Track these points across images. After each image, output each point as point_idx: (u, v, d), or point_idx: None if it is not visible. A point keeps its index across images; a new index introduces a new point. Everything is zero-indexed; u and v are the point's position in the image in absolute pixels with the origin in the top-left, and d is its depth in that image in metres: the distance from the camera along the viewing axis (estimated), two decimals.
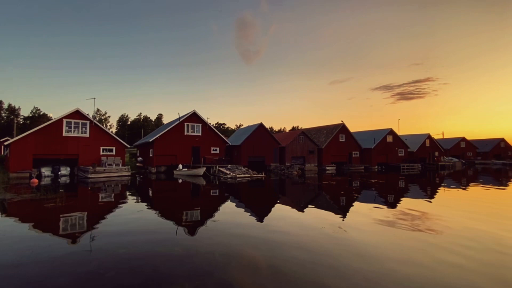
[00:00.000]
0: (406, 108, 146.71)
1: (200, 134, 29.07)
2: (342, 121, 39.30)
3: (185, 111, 30.80)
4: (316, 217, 9.10)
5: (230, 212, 9.85)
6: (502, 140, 63.67)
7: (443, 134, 64.50)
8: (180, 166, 25.07)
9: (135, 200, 12.03)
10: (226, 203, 11.80)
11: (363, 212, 9.83)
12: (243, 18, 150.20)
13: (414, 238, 6.54)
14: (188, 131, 28.45)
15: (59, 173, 23.60)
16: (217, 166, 24.96)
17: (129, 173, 23.63)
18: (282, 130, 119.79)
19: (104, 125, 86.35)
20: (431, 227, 7.62)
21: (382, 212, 9.78)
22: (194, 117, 28.94)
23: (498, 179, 24.24)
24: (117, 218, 8.56)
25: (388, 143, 41.95)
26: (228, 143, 31.34)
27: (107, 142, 25.35)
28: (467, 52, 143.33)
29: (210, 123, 30.15)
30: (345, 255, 5.44)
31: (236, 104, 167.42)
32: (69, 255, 5.30)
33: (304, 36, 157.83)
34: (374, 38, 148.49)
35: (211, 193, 14.98)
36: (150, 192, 15.26)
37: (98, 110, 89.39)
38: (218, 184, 18.65)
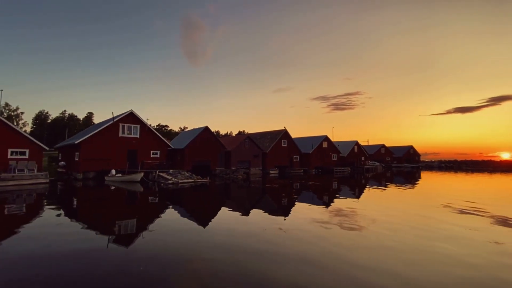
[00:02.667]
0: (339, 117, 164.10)
1: (138, 136, 26.73)
2: (284, 127, 41.48)
3: (122, 111, 27.99)
4: (259, 219, 9.27)
5: (170, 220, 9.26)
6: (412, 147, 76.61)
7: (368, 141, 73.79)
8: (113, 172, 22.52)
9: (54, 212, 10.28)
10: (167, 210, 11.08)
11: (302, 212, 10.47)
12: (189, 18, 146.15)
13: (342, 234, 7.24)
14: (123, 133, 25.86)
15: None
16: (157, 171, 23.32)
17: (47, 180, 20.15)
18: (228, 134, 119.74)
19: (15, 123, 71.94)
20: (358, 223, 8.57)
21: (318, 211, 10.58)
22: (131, 117, 26.49)
23: (407, 179, 28.97)
24: (28, 234, 7.13)
25: (323, 149, 45.93)
26: (170, 147, 29.64)
27: (17, 143, 21.16)
28: (386, 70, 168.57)
29: (150, 125, 28.06)
30: (284, 256, 5.65)
31: (181, 106, 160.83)
32: None
33: (251, 41, 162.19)
34: (314, 50, 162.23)
35: (149, 201, 13.88)
36: (75, 201, 13.29)
37: (6, 104, 74.16)
38: (157, 190, 17.41)
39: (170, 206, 11.90)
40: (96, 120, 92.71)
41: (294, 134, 43.29)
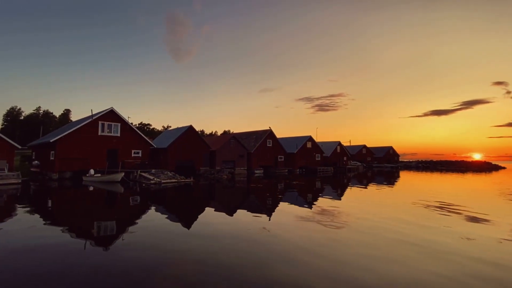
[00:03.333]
0: (323, 118, 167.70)
1: (119, 134, 25.85)
2: (269, 127, 41.68)
3: (101, 109, 26.90)
4: (243, 219, 9.25)
5: (152, 221, 9.03)
6: (391, 148, 79.54)
7: (350, 141, 75.83)
8: (92, 172, 21.64)
9: (28, 213, 9.72)
10: (149, 211, 10.80)
11: (286, 212, 10.57)
12: (174, 15, 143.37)
13: (324, 233, 7.38)
14: (103, 131, 24.91)
15: None
16: (139, 171, 22.68)
17: (19, 181, 19.04)
18: (213, 133, 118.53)
19: None
20: (339, 224, 8.77)
21: (301, 211, 10.72)
22: (111, 115, 25.55)
23: (387, 179, 30.02)
24: None
25: (308, 149, 46.64)
26: (153, 146, 28.92)
27: None
28: (369, 72, 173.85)
29: (131, 123, 27.25)
30: (268, 257, 5.66)
31: (164, 105, 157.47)
32: None
33: (237, 40, 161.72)
34: (300, 51, 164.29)
35: (130, 201, 13.46)
36: (50, 202, 12.64)
37: None
38: (139, 190, 16.93)
39: (153, 207, 11.61)
40: (74, 117, 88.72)
41: (279, 134, 43.64)
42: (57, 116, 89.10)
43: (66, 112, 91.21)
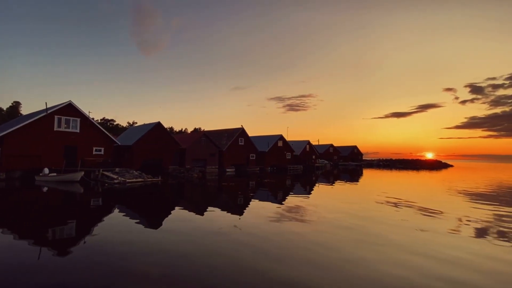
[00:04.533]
0: (293, 118, 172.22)
1: (78, 130, 23.83)
2: (242, 125, 41.57)
3: (58, 102, 24.61)
4: (214, 218, 9.10)
5: (115, 223, 8.48)
6: (356, 147, 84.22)
7: (318, 141, 78.62)
8: (46, 170, 19.70)
9: None
10: (112, 213, 10.14)
11: (257, 210, 10.64)
12: (142, 4, 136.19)
13: (293, 231, 7.58)
14: (60, 127, 22.78)
15: None
16: (101, 169, 21.18)
17: None
18: (183, 131, 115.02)
19: None
20: (308, 221, 9.05)
21: (272, 208, 10.87)
22: (69, 109, 23.44)
23: (352, 177, 31.76)
24: None
25: (279, 147, 47.48)
26: (116, 143, 27.19)
27: None
28: (337, 75, 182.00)
29: (93, 118, 25.31)
30: (239, 255, 5.64)
31: (129, 99, 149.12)
32: None
33: (209, 35, 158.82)
34: (272, 50, 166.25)
35: (91, 203, 12.51)
36: None
37: None
38: (101, 191, 15.82)
39: (116, 208, 10.93)
40: (25, 111, 80.00)
41: (251, 132, 43.75)
42: (4, 109, 79.72)
43: (15, 105, 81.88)
